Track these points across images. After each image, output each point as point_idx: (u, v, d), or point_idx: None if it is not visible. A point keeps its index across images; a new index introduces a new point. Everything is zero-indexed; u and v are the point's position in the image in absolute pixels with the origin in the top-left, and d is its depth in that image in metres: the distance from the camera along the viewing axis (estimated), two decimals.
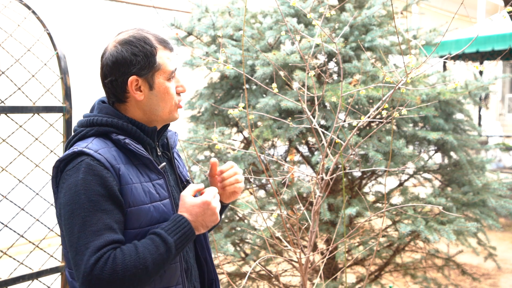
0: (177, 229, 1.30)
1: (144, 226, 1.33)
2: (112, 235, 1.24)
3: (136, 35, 1.38)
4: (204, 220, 1.35)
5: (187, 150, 3.17)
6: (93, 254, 1.19)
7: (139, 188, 1.33)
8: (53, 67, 2.25)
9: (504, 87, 17.36)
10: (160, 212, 1.36)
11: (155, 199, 1.36)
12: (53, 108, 2.12)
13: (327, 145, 1.86)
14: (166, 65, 1.39)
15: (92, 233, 1.22)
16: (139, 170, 1.36)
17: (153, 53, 1.37)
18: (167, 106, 1.42)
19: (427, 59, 1.66)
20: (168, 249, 1.27)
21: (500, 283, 4.87)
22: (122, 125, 1.37)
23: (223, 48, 3.16)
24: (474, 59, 7.94)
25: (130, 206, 1.31)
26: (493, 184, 3.23)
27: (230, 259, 3.44)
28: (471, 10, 12.49)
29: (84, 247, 1.21)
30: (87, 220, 1.23)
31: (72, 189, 1.25)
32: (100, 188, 1.26)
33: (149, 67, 1.37)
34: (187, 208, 1.35)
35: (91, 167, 1.27)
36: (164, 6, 6.65)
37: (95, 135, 1.37)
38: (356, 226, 2.44)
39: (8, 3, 2.08)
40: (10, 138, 2.08)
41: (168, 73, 1.40)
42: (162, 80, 1.39)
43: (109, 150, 1.33)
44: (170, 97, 1.42)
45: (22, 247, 4.66)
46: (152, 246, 1.26)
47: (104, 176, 1.27)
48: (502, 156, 9.74)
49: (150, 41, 1.38)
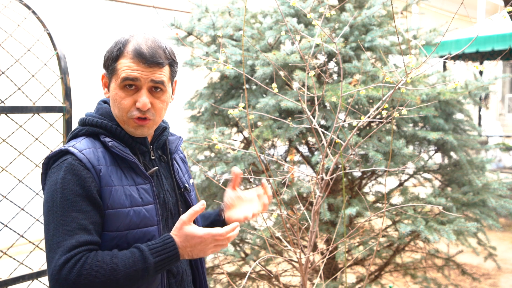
0: (162, 250, 1.28)
1: (122, 229, 1.31)
2: (86, 236, 1.23)
3: (124, 36, 1.39)
4: (192, 252, 1.32)
5: (187, 150, 3.17)
6: (64, 254, 1.20)
7: (120, 191, 1.32)
8: (53, 67, 2.25)
9: (504, 87, 17.36)
10: (141, 217, 1.34)
11: (137, 203, 1.34)
12: (53, 108, 2.12)
13: (327, 145, 1.86)
14: (121, 71, 1.34)
15: (66, 232, 1.22)
16: (124, 173, 1.36)
17: (117, 58, 1.36)
18: (119, 114, 1.38)
19: (427, 59, 1.66)
20: (145, 268, 1.24)
21: (500, 283, 4.87)
22: (111, 127, 1.38)
23: (223, 48, 3.16)
24: (474, 59, 7.94)
25: (109, 208, 1.30)
26: (493, 184, 3.23)
27: (230, 259, 3.44)
28: (471, 10, 12.49)
29: (56, 245, 1.21)
30: (62, 218, 1.23)
31: (52, 187, 1.27)
32: (78, 188, 1.26)
33: (108, 69, 1.39)
34: (181, 235, 1.30)
35: (72, 166, 1.28)
36: (164, 6, 6.65)
37: (86, 135, 1.39)
38: (356, 226, 2.44)
39: (8, 3, 2.08)
40: (10, 138, 2.08)
41: (120, 79, 1.34)
42: (115, 85, 1.37)
43: (94, 150, 1.33)
44: (118, 105, 1.36)
45: (22, 247, 4.66)
46: (130, 260, 1.24)
47: (83, 177, 1.27)
48: (502, 156, 9.74)
49: (126, 46, 1.36)
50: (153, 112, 1.38)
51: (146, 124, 1.38)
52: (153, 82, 1.36)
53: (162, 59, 1.37)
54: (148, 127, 1.40)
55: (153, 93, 1.38)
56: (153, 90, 1.37)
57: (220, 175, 2.91)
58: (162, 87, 1.38)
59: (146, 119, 1.38)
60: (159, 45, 1.38)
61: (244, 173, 2.84)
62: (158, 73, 1.36)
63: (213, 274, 3.48)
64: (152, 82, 1.36)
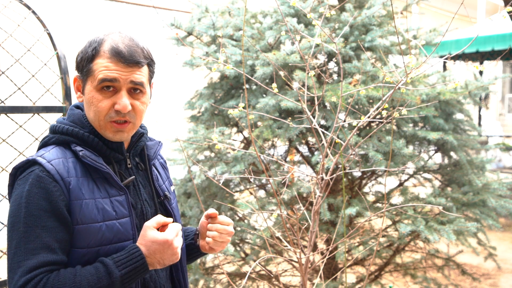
0: (128, 261, 1.20)
1: (93, 246, 1.23)
2: (49, 256, 1.15)
3: (99, 36, 1.31)
4: (162, 258, 1.25)
5: (187, 150, 3.17)
6: (23, 275, 1.12)
7: (91, 204, 1.23)
8: (53, 67, 2.25)
9: (504, 87, 17.36)
10: (114, 231, 1.25)
11: (110, 217, 1.25)
12: (53, 108, 2.12)
13: (327, 145, 1.86)
14: (98, 72, 1.26)
15: (27, 251, 1.14)
16: (97, 184, 1.27)
17: (92, 58, 1.28)
18: (95, 117, 1.29)
19: (427, 59, 1.66)
20: (111, 283, 1.17)
21: (500, 283, 4.87)
22: (83, 135, 1.29)
23: (223, 48, 3.16)
24: (474, 59, 7.95)
25: (78, 224, 1.21)
26: (493, 184, 3.23)
27: (230, 259, 3.44)
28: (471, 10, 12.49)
29: (17, 265, 1.14)
30: (25, 236, 1.15)
31: (17, 200, 1.19)
32: (44, 202, 1.17)
33: (83, 70, 1.30)
34: (146, 242, 1.24)
35: (39, 179, 1.19)
36: (164, 6, 6.65)
37: (56, 144, 1.29)
38: (356, 226, 2.44)
39: (8, 3, 2.08)
40: (10, 138, 2.08)
41: (97, 80, 1.26)
42: (90, 87, 1.28)
43: (64, 161, 1.24)
44: (95, 108, 1.27)
45: None
46: (94, 276, 1.16)
47: (50, 190, 1.18)
48: (502, 156, 9.74)
49: (102, 45, 1.28)
50: (133, 114, 1.30)
51: (126, 127, 1.30)
52: (133, 84, 1.28)
53: (141, 58, 1.29)
54: (128, 131, 1.32)
55: (133, 95, 1.30)
56: (132, 91, 1.30)
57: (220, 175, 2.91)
58: (142, 88, 1.31)
59: (125, 123, 1.30)
60: (137, 44, 1.31)
61: (244, 173, 2.84)
62: (137, 73, 1.28)
63: (213, 274, 3.48)
64: (131, 84, 1.28)
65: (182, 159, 3.36)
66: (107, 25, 6.27)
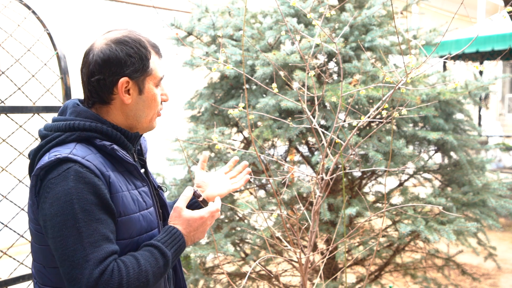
0: (173, 241, 1.28)
1: (134, 236, 1.28)
2: (111, 246, 1.18)
3: (131, 36, 1.31)
4: (195, 236, 1.35)
5: (187, 150, 3.17)
6: (95, 267, 1.13)
7: (129, 197, 1.28)
8: (53, 67, 2.25)
9: (504, 87, 17.37)
10: (148, 221, 1.32)
11: (143, 208, 1.32)
12: (53, 108, 2.12)
13: (327, 145, 1.86)
14: (157, 70, 1.35)
15: (90, 245, 1.14)
16: (125, 177, 1.31)
17: (148, 57, 1.32)
18: (151, 113, 1.38)
19: (427, 59, 1.66)
20: (166, 262, 1.25)
21: (500, 283, 4.87)
22: (107, 130, 1.29)
23: (223, 48, 3.16)
24: (474, 59, 7.94)
25: (121, 216, 1.24)
26: (493, 184, 3.23)
27: (230, 259, 3.44)
28: (471, 10, 12.49)
29: (83, 260, 1.13)
30: (83, 231, 1.15)
31: (62, 198, 1.16)
32: (93, 197, 1.18)
33: (142, 71, 1.31)
34: (182, 222, 1.32)
35: (81, 174, 1.18)
36: (164, 6, 6.65)
37: (77, 141, 1.27)
38: (356, 226, 2.44)
39: (8, 3, 2.08)
40: (10, 138, 2.08)
41: (158, 79, 1.36)
42: (152, 86, 1.35)
43: (95, 156, 1.25)
44: (155, 104, 1.37)
45: (22, 247, 4.66)
46: (152, 258, 1.22)
47: (96, 184, 1.19)
48: (502, 156, 9.74)
49: (145, 44, 1.33)
50: None
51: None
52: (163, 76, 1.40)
53: None
54: None
55: None
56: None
57: None
58: None
59: None
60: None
61: None
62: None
63: (213, 274, 3.48)
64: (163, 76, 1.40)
65: (182, 159, 3.36)
66: (107, 25, 6.27)
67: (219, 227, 3.23)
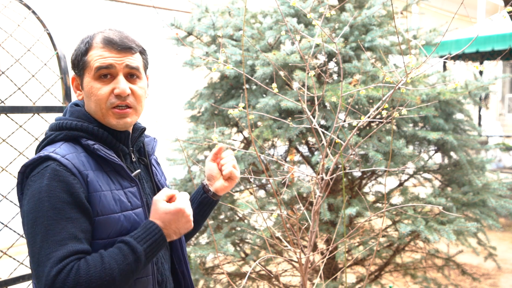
0: (147, 236, 1.24)
1: (113, 236, 1.26)
2: (77, 245, 1.16)
3: (89, 33, 1.36)
4: (177, 227, 1.29)
5: (187, 150, 3.17)
6: (54, 265, 1.12)
7: (109, 196, 1.26)
8: (53, 67, 2.25)
9: (504, 87, 17.37)
10: (131, 221, 1.29)
11: (126, 208, 1.29)
12: (53, 108, 2.12)
13: (327, 145, 1.86)
14: (93, 62, 1.30)
15: (55, 243, 1.14)
16: (110, 177, 1.30)
17: (86, 51, 1.32)
18: (97, 108, 1.32)
19: (427, 59, 1.66)
20: (137, 258, 1.20)
21: (500, 283, 4.87)
22: (93, 129, 1.31)
23: (223, 48, 3.16)
24: (474, 59, 7.95)
25: (98, 215, 1.24)
26: (493, 184, 3.23)
27: (230, 259, 3.44)
28: (471, 10, 12.49)
29: (46, 258, 1.13)
30: (50, 229, 1.15)
31: (36, 196, 1.18)
32: (65, 195, 1.18)
33: (79, 66, 1.34)
34: (160, 215, 1.28)
35: (57, 172, 1.19)
36: (164, 6, 6.65)
37: (64, 140, 1.30)
38: (356, 226, 2.44)
39: (8, 3, 2.08)
40: (10, 138, 2.08)
41: (93, 70, 1.30)
42: (89, 79, 1.32)
43: (77, 155, 1.26)
44: (95, 97, 1.31)
45: (22, 247, 4.66)
46: (120, 255, 1.18)
47: (70, 182, 1.20)
48: (502, 156, 9.75)
49: (91, 40, 1.33)
50: (133, 99, 1.34)
51: (128, 113, 1.33)
52: (129, 68, 1.32)
53: (133, 44, 1.34)
54: (130, 117, 1.34)
55: (130, 80, 1.34)
56: (129, 77, 1.34)
57: None
58: (138, 73, 1.35)
59: (127, 108, 1.33)
60: (126, 35, 1.36)
61: (244, 173, 2.84)
62: (131, 59, 1.33)
63: (213, 274, 3.48)
64: (127, 68, 1.32)
65: (182, 159, 3.36)
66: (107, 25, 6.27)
67: (219, 227, 3.23)
